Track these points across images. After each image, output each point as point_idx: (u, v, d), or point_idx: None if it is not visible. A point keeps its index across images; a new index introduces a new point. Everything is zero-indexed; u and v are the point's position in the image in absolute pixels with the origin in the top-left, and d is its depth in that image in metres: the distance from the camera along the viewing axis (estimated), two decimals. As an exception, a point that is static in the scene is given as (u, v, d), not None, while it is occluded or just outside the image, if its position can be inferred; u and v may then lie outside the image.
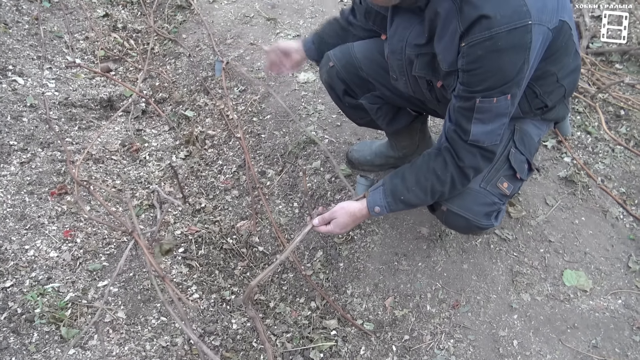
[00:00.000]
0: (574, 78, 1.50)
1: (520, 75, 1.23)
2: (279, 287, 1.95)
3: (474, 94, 1.26)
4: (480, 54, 1.19)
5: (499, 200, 1.56)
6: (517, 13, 1.14)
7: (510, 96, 1.26)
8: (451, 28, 1.23)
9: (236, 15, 3.14)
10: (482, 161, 1.38)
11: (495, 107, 1.26)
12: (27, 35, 3.02)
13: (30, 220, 2.02)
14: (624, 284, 1.83)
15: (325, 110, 2.46)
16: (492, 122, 1.29)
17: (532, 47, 1.19)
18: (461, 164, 1.37)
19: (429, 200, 1.47)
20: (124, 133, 2.60)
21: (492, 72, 1.21)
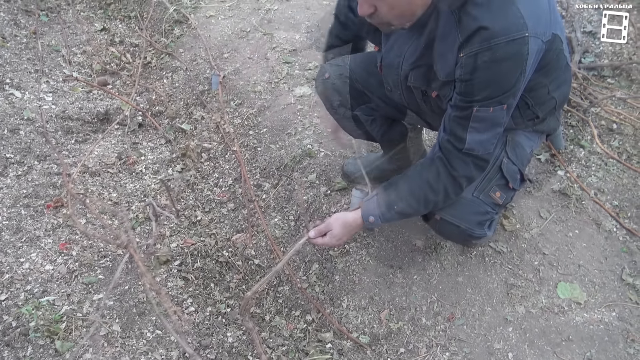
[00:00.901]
0: (565, 90, 1.53)
1: (517, 86, 1.26)
2: (274, 300, 1.95)
3: (472, 103, 1.28)
4: (479, 64, 1.21)
5: (492, 209, 1.58)
6: (515, 25, 1.17)
7: (506, 106, 1.28)
8: (450, 39, 1.26)
9: (233, 30, 3.17)
10: (475, 170, 1.39)
11: (491, 116, 1.29)
12: (25, 49, 3.04)
13: (26, 233, 2.02)
14: (617, 297, 1.84)
15: (321, 124, 2.47)
16: (487, 131, 1.32)
17: (529, 58, 1.22)
18: (454, 173, 1.39)
19: (423, 210, 1.48)
20: (121, 146, 2.61)
21: (490, 82, 1.24)
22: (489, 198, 1.57)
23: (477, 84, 1.25)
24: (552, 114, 1.58)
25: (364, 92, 1.79)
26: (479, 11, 1.19)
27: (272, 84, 2.76)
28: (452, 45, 1.26)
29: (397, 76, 1.51)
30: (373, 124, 1.86)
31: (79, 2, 3.69)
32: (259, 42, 3.05)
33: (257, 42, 3.06)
